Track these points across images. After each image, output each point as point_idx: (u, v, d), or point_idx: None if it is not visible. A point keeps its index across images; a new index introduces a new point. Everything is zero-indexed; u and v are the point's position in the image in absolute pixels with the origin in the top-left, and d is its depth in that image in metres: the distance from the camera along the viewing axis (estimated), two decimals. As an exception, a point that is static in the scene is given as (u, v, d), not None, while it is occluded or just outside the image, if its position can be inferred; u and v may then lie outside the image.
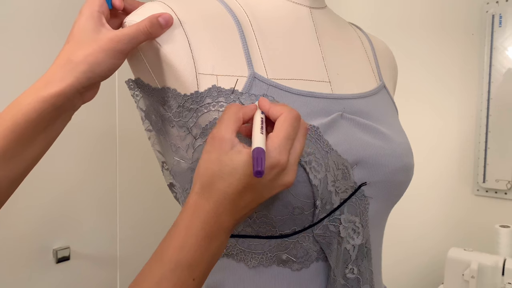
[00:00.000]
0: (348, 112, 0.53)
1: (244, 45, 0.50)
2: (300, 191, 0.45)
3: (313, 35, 0.57)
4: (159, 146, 0.56)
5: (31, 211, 1.27)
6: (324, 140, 0.48)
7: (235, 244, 0.49)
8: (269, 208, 0.46)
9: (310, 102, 0.50)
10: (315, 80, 0.54)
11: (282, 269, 0.49)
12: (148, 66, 0.50)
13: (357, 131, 0.52)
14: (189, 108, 0.47)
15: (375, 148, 0.52)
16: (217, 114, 0.46)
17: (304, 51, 0.55)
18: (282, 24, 0.55)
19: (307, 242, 0.49)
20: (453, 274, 1.23)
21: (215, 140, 0.40)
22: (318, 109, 0.50)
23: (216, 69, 0.48)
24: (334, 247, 0.50)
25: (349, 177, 0.49)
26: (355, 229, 0.51)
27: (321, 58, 0.56)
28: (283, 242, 0.48)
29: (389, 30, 1.58)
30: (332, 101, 0.52)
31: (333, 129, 0.50)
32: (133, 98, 0.54)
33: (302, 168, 0.45)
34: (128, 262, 1.54)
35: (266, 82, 0.49)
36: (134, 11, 0.50)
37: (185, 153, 0.49)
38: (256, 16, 0.54)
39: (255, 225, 0.47)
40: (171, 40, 0.47)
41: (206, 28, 0.50)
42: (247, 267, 0.49)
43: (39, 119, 0.44)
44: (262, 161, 0.35)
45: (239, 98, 0.47)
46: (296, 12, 0.57)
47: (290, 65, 0.53)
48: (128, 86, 0.53)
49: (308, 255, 0.49)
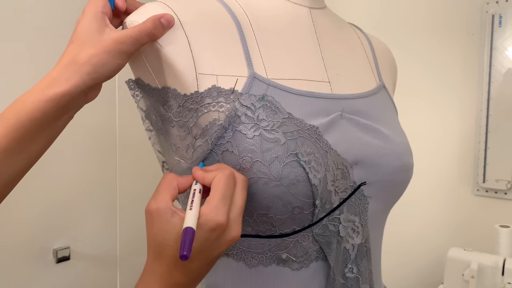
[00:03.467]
0: (348, 112, 0.53)
1: (244, 45, 0.50)
2: (300, 191, 0.45)
3: (312, 35, 0.57)
4: (159, 146, 0.56)
5: (31, 211, 1.27)
6: (324, 140, 0.48)
7: (235, 243, 0.49)
8: (269, 208, 0.46)
9: (309, 102, 0.50)
10: (314, 80, 0.54)
11: (281, 268, 0.49)
12: (148, 66, 0.50)
13: (356, 131, 0.52)
14: (189, 108, 0.47)
15: (374, 148, 0.52)
16: (217, 115, 0.46)
17: (304, 51, 0.55)
18: (282, 24, 0.55)
19: (307, 242, 0.49)
20: (453, 274, 1.23)
21: (153, 212, 0.41)
22: (317, 109, 0.50)
23: (216, 69, 0.48)
24: (334, 247, 0.50)
25: (348, 177, 0.50)
26: (355, 228, 0.51)
27: (320, 58, 0.56)
28: (283, 241, 0.48)
29: (390, 30, 1.58)
30: (332, 101, 0.52)
31: (333, 129, 0.50)
32: (134, 98, 0.54)
33: (302, 167, 0.45)
34: (128, 262, 1.54)
35: (266, 82, 0.49)
36: (135, 12, 0.50)
37: (185, 152, 0.49)
38: (256, 15, 0.54)
39: (255, 224, 0.47)
40: (172, 41, 0.47)
41: (206, 28, 0.49)
42: (246, 267, 0.49)
43: (43, 118, 0.44)
44: (187, 243, 0.36)
45: (239, 98, 0.46)
46: (295, 12, 0.57)
47: (289, 65, 0.53)
48: (128, 86, 0.53)
49: (308, 254, 0.50)
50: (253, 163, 0.45)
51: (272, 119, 0.46)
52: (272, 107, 0.47)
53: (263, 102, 0.47)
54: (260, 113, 0.46)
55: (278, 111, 0.47)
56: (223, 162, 0.46)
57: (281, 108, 0.47)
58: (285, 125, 0.46)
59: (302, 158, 0.45)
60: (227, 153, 0.46)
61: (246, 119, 0.46)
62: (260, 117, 0.46)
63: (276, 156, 0.45)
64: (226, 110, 0.46)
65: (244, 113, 0.46)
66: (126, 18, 0.50)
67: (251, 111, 0.46)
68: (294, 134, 0.46)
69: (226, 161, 0.46)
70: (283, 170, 0.45)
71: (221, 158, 0.46)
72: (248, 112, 0.46)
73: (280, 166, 0.45)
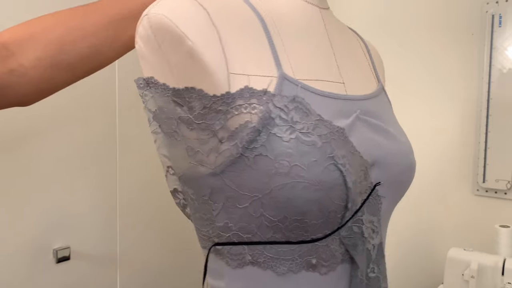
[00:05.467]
0: (361, 113, 0.53)
1: (271, 43, 0.48)
2: (336, 194, 0.45)
3: (325, 35, 0.57)
4: (166, 150, 0.52)
5: (31, 211, 1.27)
6: (350, 141, 0.47)
7: (262, 251, 0.47)
8: (305, 213, 0.44)
9: (332, 103, 0.49)
10: (331, 81, 0.53)
11: (311, 273, 0.48)
12: (169, 64, 0.46)
13: (370, 132, 0.52)
14: (216, 110, 0.44)
15: (387, 148, 0.52)
16: (249, 117, 0.44)
17: (320, 51, 0.54)
18: (299, 23, 0.54)
19: (334, 245, 0.48)
20: (453, 274, 1.23)
21: None
22: (338, 111, 0.49)
23: (247, 69, 0.45)
24: (360, 248, 0.50)
25: (368, 178, 0.50)
26: (374, 228, 0.51)
27: (334, 59, 0.56)
28: (314, 246, 0.47)
29: (389, 30, 1.58)
30: (348, 102, 0.52)
31: (353, 131, 0.49)
32: (141, 99, 0.51)
33: (339, 171, 0.44)
34: (128, 262, 1.54)
35: (295, 83, 0.47)
36: (157, 2, 0.47)
37: (206, 157, 0.46)
38: (275, 13, 0.52)
39: (286, 230, 0.46)
40: (203, 37, 0.44)
41: (233, 25, 0.47)
42: (275, 275, 0.47)
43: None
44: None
45: (272, 99, 0.44)
46: (308, 11, 0.56)
47: (310, 65, 0.51)
48: (137, 85, 0.50)
49: (335, 257, 0.49)
50: (291, 167, 0.43)
51: (305, 122, 0.45)
52: (303, 109, 0.45)
53: (295, 104, 0.45)
54: (293, 115, 0.44)
55: (310, 113, 0.45)
56: (255, 167, 0.43)
57: (311, 109, 0.46)
58: (318, 127, 0.45)
59: (339, 161, 0.44)
60: (260, 158, 0.43)
61: (280, 122, 0.44)
62: (294, 119, 0.44)
63: (315, 159, 0.43)
64: (259, 112, 0.44)
65: (278, 115, 0.44)
66: (146, 9, 0.47)
67: (284, 113, 0.44)
68: (327, 137, 0.45)
69: (259, 165, 0.43)
70: (322, 174, 0.43)
71: (253, 162, 0.43)
72: (282, 114, 0.44)
73: (319, 170, 0.43)
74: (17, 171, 1.23)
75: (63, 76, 0.53)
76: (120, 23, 0.56)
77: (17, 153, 1.23)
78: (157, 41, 0.46)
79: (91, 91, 1.37)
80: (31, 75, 0.50)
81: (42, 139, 1.27)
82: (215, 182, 0.46)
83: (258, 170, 0.43)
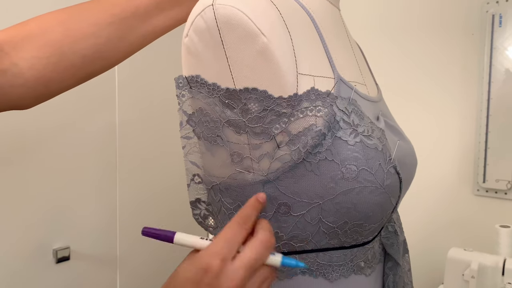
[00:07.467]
0: (382, 115, 0.53)
1: (324, 44, 0.46)
2: (395, 196, 0.45)
3: (346, 37, 0.56)
4: (197, 157, 0.48)
5: (31, 211, 1.27)
6: (388, 144, 0.47)
7: (315, 259, 0.45)
8: (368, 217, 0.43)
9: (369, 106, 0.49)
10: (360, 82, 0.52)
11: (359, 276, 0.48)
12: (229, 61, 0.42)
13: (390, 133, 0.52)
14: (279, 113, 0.41)
15: (403, 148, 0.53)
16: (314, 120, 0.41)
17: (348, 53, 0.54)
18: (332, 24, 0.53)
19: (376, 246, 0.49)
20: (453, 274, 1.23)
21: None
22: (372, 113, 0.49)
23: (312, 69, 0.43)
24: (395, 246, 0.50)
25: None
26: (399, 225, 0.53)
27: (355, 60, 0.55)
28: (363, 249, 0.47)
29: (389, 30, 1.58)
30: (373, 104, 0.52)
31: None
32: (178, 99, 0.46)
33: (397, 173, 0.45)
34: (128, 262, 1.54)
35: (349, 86, 0.45)
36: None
37: (257, 164, 0.43)
38: (317, 13, 0.50)
39: (343, 236, 0.44)
40: (277, 35, 0.41)
41: (297, 24, 0.44)
42: (327, 282, 0.46)
43: None
44: (157, 228, 0.40)
45: (335, 102, 0.42)
46: (334, 12, 0.55)
47: (345, 67, 0.50)
48: (176, 84, 0.46)
49: (375, 258, 0.49)
50: (359, 171, 0.41)
51: (364, 125, 0.43)
52: (358, 112, 0.44)
53: (352, 106, 0.43)
54: (353, 118, 0.43)
55: (363, 115, 0.44)
56: (318, 172, 0.41)
57: (364, 112, 0.45)
58: (375, 130, 0.44)
59: (396, 163, 0.45)
60: (325, 162, 0.41)
61: (344, 125, 0.42)
62: (355, 122, 0.43)
63: (379, 163, 0.43)
64: (324, 115, 0.41)
65: (341, 118, 0.42)
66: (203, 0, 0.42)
67: (346, 116, 0.42)
68: (382, 140, 0.45)
69: (322, 170, 0.41)
70: (386, 177, 0.43)
71: (316, 167, 0.41)
72: (345, 117, 0.42)
73: (383, 173, 0.43)
74: (17, 172, 1.23)
75: (62, 78, 0.50)
76: (125, 22, 0.53)
77: (17, 154, 1.23)
78: (221, 35, 0.41)
79: (91, 91, 1.36)
80: (26, 76, 0.47)
81: (42, 139, 1.27)
82: (265, 190, 0.43)
83: (321, 176, 0.41)
